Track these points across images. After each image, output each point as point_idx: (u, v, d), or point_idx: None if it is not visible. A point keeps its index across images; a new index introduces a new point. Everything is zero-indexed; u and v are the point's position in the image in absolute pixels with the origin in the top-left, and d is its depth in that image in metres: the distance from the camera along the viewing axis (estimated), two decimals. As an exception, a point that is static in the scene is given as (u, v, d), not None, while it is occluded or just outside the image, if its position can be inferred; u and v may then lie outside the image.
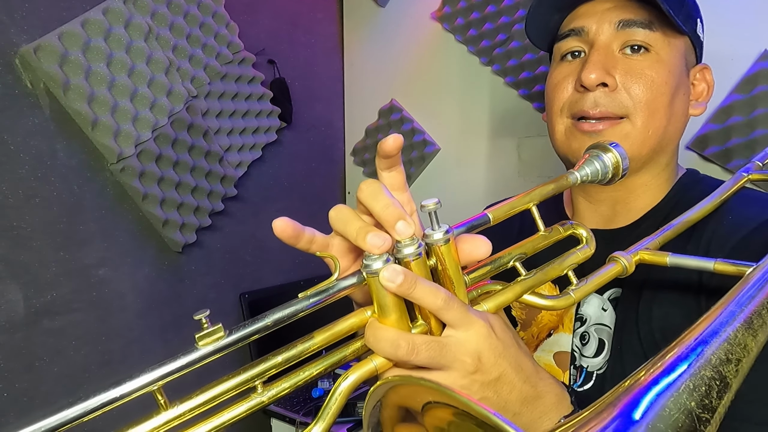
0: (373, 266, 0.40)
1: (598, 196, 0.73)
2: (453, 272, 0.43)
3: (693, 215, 0.60)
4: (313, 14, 1.98)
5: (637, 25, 0.64)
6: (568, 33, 0.68)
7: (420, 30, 1.86)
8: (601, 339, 0.68)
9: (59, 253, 1.26)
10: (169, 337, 1.51)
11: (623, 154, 0.53)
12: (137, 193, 1.38)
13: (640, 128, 0.64)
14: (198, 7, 1.51)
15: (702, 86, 0.72)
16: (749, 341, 0.36)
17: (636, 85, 0.64)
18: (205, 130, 1.55)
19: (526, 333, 0.76)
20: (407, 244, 0.41)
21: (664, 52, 0.65)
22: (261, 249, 1.79)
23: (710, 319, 0.37)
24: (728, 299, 0.40)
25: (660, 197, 0.70)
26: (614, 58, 0.65)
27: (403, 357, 0.40)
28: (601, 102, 0.64)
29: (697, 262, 0.50)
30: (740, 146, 1.27)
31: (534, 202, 0.50)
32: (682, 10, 0.64)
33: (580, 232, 0.53)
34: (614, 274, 0.51)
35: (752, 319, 0.38)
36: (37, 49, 1.17)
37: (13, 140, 1.17)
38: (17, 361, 1.18)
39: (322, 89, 2.03)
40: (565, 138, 0.69)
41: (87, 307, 1.31)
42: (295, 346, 0.43)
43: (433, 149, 1.86)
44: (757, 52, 1.25)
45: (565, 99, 0.69)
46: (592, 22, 0.66)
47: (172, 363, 0.38)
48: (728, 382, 0.33)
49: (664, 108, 0.65)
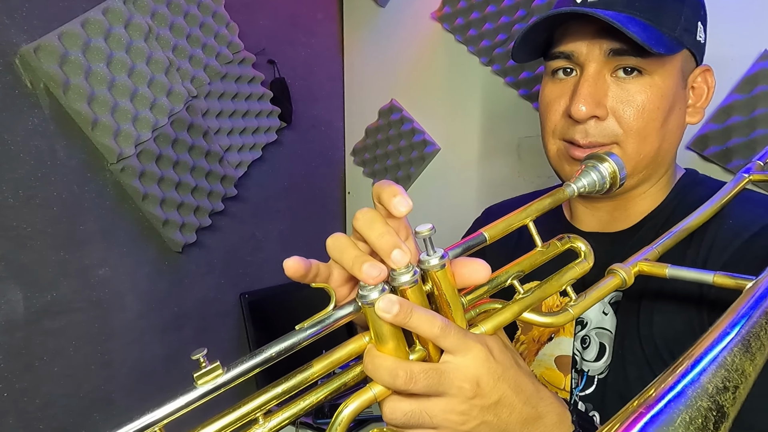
0: (370, 296, 0.40)
1: (596, 204, 0.73)
2: (450, 296, 0.43)
3: (693, 222, 0.59)
4: (313, 14, 1.98)
5: (628, 54, 0.62)
6: (558, 55, 0.67)
7: (420, 30, 1.86)
8: (602, 343, 0.68)
9: (59, 253, 1.26)
10: (169, 337, 1.51)
11: (620, 164, 0.52)
12: (137, 193, 1.38)
13: (631, 154, 0.64)
14: (198, 7, 1.51)
15: (702, 89, 0.70)
16: (747, 366, 0.36)
17: (626, 113, 0.63)
18: (205, 130, 1.55)
19: (527, 337, 0.76)
20: (403, 272, 0.40)
21: (658, 75, 0.63)
22: (261, 249, 1.79)
23: (706, 342, 0.37)
24: (725, 320, 0.39)
25: (659, 201, 0.70)
26: (605, 85, 0.64)
27: (401, 386, 0.41)
28: (591, 132, 0.64)
29: (697, 274, 0.50)
30: (740, 146, 1.27)
31: (531, 218, 0.50)
32: (678, 25, 0.63)
33: (578, 245, 0.52)
34: (613, 287, 0.51)
35: (749, 341, 0.37)
36: (37, 49, 1.17)
37: (13, 140, 1.17)
38: (17, 361, 1.18)
39: (322, 89, 2.03)
40: (558, 159, 0.70)
41: (87, 307, 1.31)
42: (295, 376, 0.43)
43: (433, 149, 1.86)
44: (757, 52, 1.25)
45: (556, 122, 0.68)
46: (582, 47, 0.64)
47: (171, 402, 0.39)
48: (725, 411, 0.33)
49: (655, 131, 0.64)
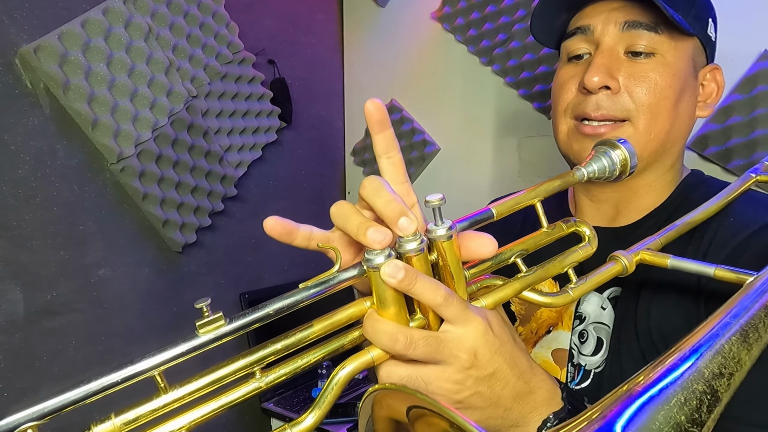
0: (375, 261, 0.40)
1: (601, 196, 0.73)
2: (454, 268, 0.43)
3: (696, 216, 0.59)
4: (313, 14, 1.98)
5: (643, 27, 0.63)
6: (575, 31, 0.69)
7: (420, 30, 1.86)
8: (600, 338, 0.68)
9: (59, 253, 1.26)
10: (170, 337, 1.50)
11: (632, 151, 0.52)
12: (137, 193, 1.38)
13: (642, 131, 0.65)
14: (198, 7, 1.51)
15: (711, 87, 0.71)
16: (743, 355, 0.36)
17: (639, 88, 0.64)
18: (205, 130, 1.55)
19: (524, 328, 0.76)
20: (410, 239, 0.41)
21: (670, 55, 0.64)
22: (261, 249, 1.79)
23: (705, 330, 0.38)
24: (725, 310, 0.39)
25: (664, 197, 0.70)
26: (618, 61, 0.65)
27: (400, 351, 0.41)
28: (604, 105, 0.65)
29: (698, 266, 0.50)
30: (740, 146, 1.27)
31: (539, 198, 0.50)
32: (691, 12, 0.64)
33: (583, 229, 0.53)
34: (614, 273, 0.51)
35: (747, 331, 0.38)
36: (37, 49, 1.17)
37: (13, 140, 1.17)
38: (17, 361, 1.18)
39: (322, 89, 2.03)
40: (568, 138, 0.70)
41: (87, 307, 1.31)
42: (294, 334, 0.44)
43: (433, 149, 1.86)
44: (757, 52, 1.25)
45: (569, 100, 0.69)
46: (598, 22, 0.66)
47: (172, 349, 0.41)
48: (719, 396, 0.33)
49: (667, 111, 0.65)
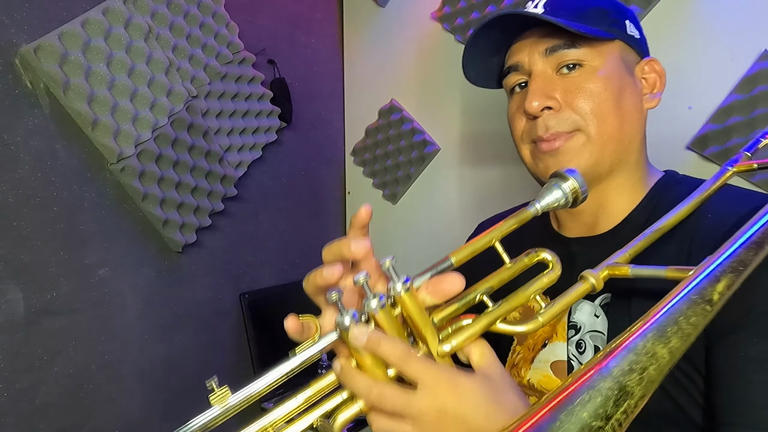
0: (344, 323, 0.45)
1: (578, 207, 0.74)
2: (418, 317, 0.47)
3: (668, 221, 0.62)
4: (313, 14, 1.98)
5: (562, 48, 0.68)
6: (509, 70, 0.74)
7: (420, 30, 1.86)
8: (597, 346, 0.69)
9: (59, 253, 1.26)
10: (169, 337, 1.51)
11: (580, 181, 0.56)
12: (137, 193, 1.38)
13: (594, 136, 0.68)
14: (198, 7, 1.51)
15: (653, 77, 0.74)
16: (659, 349, 0.39)
17: (578, 100, 0.68)
18: (205, 130, 1.55)
19: (522, 347, 0.77)
20: (372, 299, 0.46)
21: (597, 62, 0.69)
22: (261, 249, 1.79)
23: (630, 334, 0.41)
24: (652, 311, 0.43)
25: (638, 199, 0.72)
26: (552, 81, 0.69)
27: (373, 405, 0.45)
28: (551, 124, 0.69)
29: (652, 271, 0.54)
30: (740, 146, 1.27)
31: (496, 239, 0.54)
32: (604, 20, 0.69)
33: (545, 257, 0.55)
34: (583, 293, 0.54)
35: (666, 327, 0.41)
36: (37, 49, 1.17)
37: (13, 140, 1.17)
38: (17, 361, 1.18)
39: (322, 89, 2.03)
40: (532, 161, 0.74)
41: (87, 307, 1.31)
42: (288, 399, 0.49)
43: (433, 149, 1.86)
44: (757, 52, 1.25)
45: (522, 128, 0.74)
46: (524, 56, 0.71)
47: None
48: (629, 390, 0.37)
49: (611, 112, 0.68)
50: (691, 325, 0.42)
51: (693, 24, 1.33)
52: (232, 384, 0.48)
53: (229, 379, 0.49)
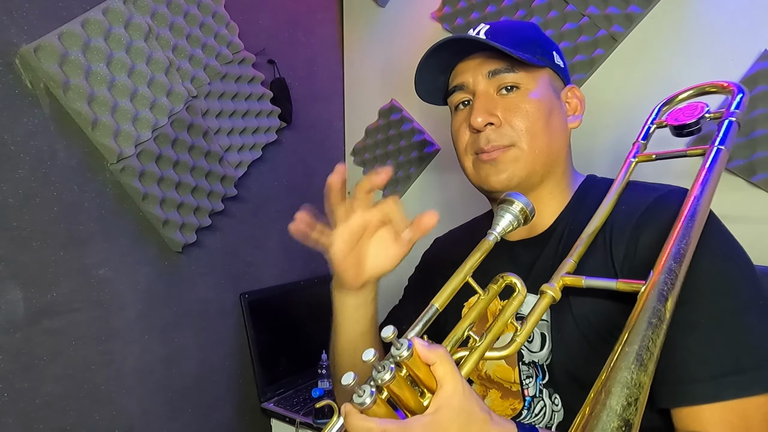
0: (365, 401, 0.51)
1: None
2: (424, 375, 0.53)
3: (596, 224, 0.71)
4: (313, 14, 1.98)
5: (503, 72, 0.79)
6: (454, 89, 0.84)
7: (420, 30, 1.86)
8: (543, 333, 0.77)
9: (59, 253, 1.26)
10: (169, 337, 1.51)
11: (524, 201, 0.65)
12: (137, 193, 1.38)
13: (527, 150, 0.78)
14: (198, 7, 1.51)
15: (574, 102, 0.85)
16: (643, 378, 0.44)
17: (515, 118, 0.78)
18: (205, 130, 1.55)
19: (478, 330, 0.83)
20: (382, 373, 0.51)
21: (531, 86, 0.79)
22: (261, 249, 1.79)
23: (614, 366, 0.45)
24: (623, 338, 0.48)
25: (565, 202, 0.83)
26: (493, 100, 0.79)
27: None
28: (492, 138, 0.79)
29: (604, 283, 0.62)
30: (740, 146, 1.27)
31: (469, 275, 0.63)
32: (536, 50, 0.80)
33: (512, 281, 0.64)
34: (546, 305, 0.62)
35: (642, 355, 0.46)
36: (37, 49, 1.17)
37: (13, 140, 1.17)
38: (17, 361, 1.18)
39: (322, 89, 2.03)
40: (474, 171, 0.84)
41: (87, 307, 1.31)
42: None
43: (433, 149, 1.86)
44: (757, 52, 1.25)
45: (465, 141, 0.84)
46: (468, 77, 0.82)
47: None
48: (631, 423, 0.42)
49: (542, 130, 0.78)
50: (656, 347, 0.47)
51: (693, 24, 1.33)
52: (231, 383, 0.49)
53: (229, 379, 0.49)
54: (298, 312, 1.85)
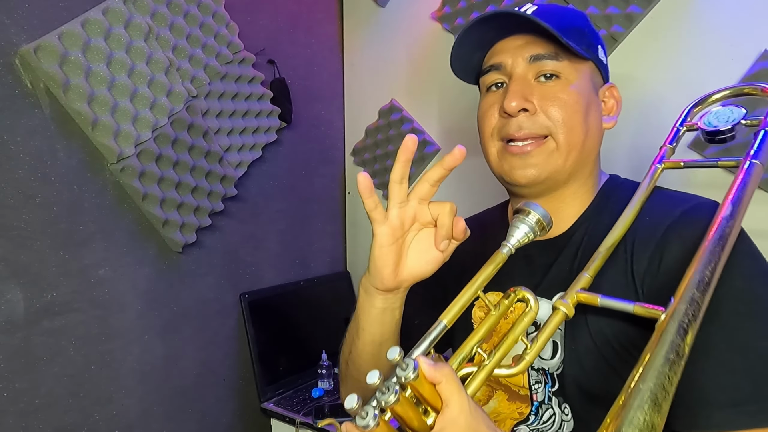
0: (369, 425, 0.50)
1: None
2: (428, 394, 0.52)
3: (616, 234, 0.67)
4: (313, 14, 1.98)
5: (546, 58, 0.73)
6: (489, 68, 0.77)
7: (420, 30, 1.86)
8: (555, 341, 0.73)
9: (59, 253, 1.26)
10: (169, 337, 1.51)
11: (542, 212, 0.62)
12: (137, 193, 1.38)
13: (562, 144, 0.72)
14: (198, 7, 1.51)
15: (611, 102, 0.80)
16: (656, 419, 0.42)
17: (552, 108, 0.72)
18: (205, 130, 1.55)
19: (488, 344, 0.81)
20: (386, 394, 0.50)
21: (573, 77, 0.73)
22: (261, 249, 1.79)
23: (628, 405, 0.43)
24: (637, 372, 0.46)
25: (586, 204, 0.78)
26: (530, 86, 0.73)
27: None
28: (525, 125, 0.72)
29: (621, 304, 0.58)
30: (740, 146, 1.27)
31: (480, 289, 0.60)
32: (583, 40, 0.74)
33: (524, 295, 0.61)
34: (559, 322, 0.59)
35: (657, 395, 0.43)
36: (37, 49, 1.17)
37: (13, 140, 1.17)
38: (17, 361, 1.18)
39: (322, 89, 2.03)
40: (498, 159, 0.77)
41: (87, 307, 1.31)
42: None
43: (433, 149, 1.86)
44: (757, 52, 1.25)
45: (493, 125, 0.76)
46: (507, 58, 0.75)
47: None
48: None
49: (579, 125, 0.73)
50: (672, 385, 0.44)
51: (693, 24, 1.33)
52: (231, 383, 0.49)
53: (229, 379, 0.49)
54: (298, 312, 1.85)
